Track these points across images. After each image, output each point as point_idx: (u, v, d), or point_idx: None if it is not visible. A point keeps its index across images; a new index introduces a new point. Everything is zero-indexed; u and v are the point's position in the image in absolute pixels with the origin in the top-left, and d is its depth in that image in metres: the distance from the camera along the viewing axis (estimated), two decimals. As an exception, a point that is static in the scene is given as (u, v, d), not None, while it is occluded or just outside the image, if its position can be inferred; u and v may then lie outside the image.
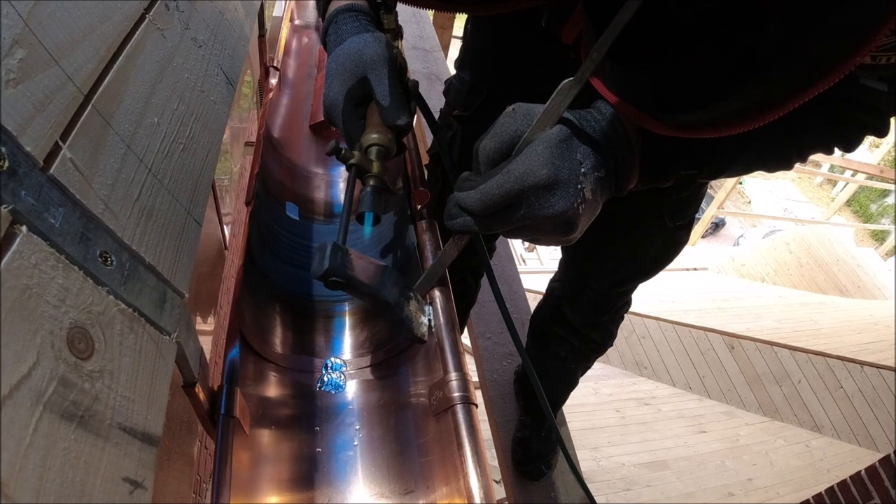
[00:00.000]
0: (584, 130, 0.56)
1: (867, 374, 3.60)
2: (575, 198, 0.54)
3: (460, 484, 0.64)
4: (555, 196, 0.54)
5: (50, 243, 0.35)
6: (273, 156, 1.20)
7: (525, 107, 0.57)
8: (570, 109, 0.56)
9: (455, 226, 0.59)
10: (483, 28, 0.99)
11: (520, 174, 0.53)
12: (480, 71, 1.03)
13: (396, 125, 0.68)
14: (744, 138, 0.59)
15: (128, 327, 0.42)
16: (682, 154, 0.62)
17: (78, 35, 0.42)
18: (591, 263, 1.13)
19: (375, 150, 0.68)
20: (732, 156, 0.63)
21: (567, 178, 0.54)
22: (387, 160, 0.70)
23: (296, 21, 1.88)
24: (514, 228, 0.58)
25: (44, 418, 0.32)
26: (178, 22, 0.63)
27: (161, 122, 0.54)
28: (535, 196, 0.53)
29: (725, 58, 0.54)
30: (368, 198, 0.67)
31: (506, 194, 0.54)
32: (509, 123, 0.56)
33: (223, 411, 0.66)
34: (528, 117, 0.56)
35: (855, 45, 0.41)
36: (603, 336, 1.31)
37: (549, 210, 0.54)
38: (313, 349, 0.93)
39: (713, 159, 0.63)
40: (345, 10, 0.75)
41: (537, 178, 0.52)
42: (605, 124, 0.58)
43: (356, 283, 0.66)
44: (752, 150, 0.63)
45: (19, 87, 0.34)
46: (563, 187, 0.53)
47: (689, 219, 0.98)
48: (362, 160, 0.67)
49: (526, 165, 0.53)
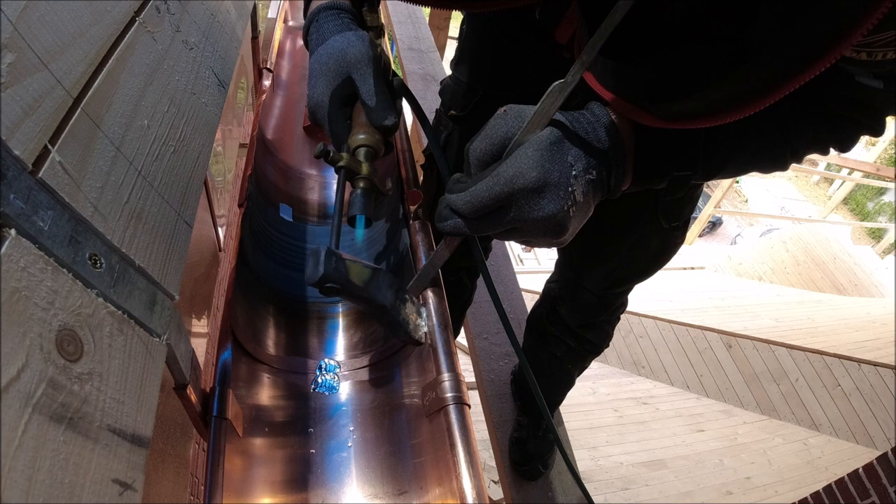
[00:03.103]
0: (576, 132, 0.56)
1: (864, 371, 3.61)
2: (565, 200, 0.54)
3: (453, 485, 0.64)
4: (544, 199, 0.53)
5: (39, 246, 0.35)
6: (266, 157, 1.20)
7: (516, 108, 0.57)
8: (562, 111, 0.56)
9: (446, 228, 0.59)
10: (479, 28, 0.99)
11: (509, 177, 0.52)
12: (476, 71, 1.03)
13: (384, 125, 0.68)
14: (738, 138, 0.59)
15: (117, 329, 0.42)
16: (675, 154, 0.61)
17: (67, 38, 0.43)
18: (586, 264, 1.13)
19: (364, 151, 0.68)
20: (726, 156, 0.62)
21: (557, 180, 0.53)
22: (375, 160, 0.70)
23: (290, 22, 1.88)
24: (505, 230, 0.58)
25: (33, 420, 0.32)
26: (168, 24, 0.63)
27: (151, 125, 0.54)
28: (524, 199, 0.53)
29: (717, 50, 0.54)
30: (359, 200, 0.67)
31: (495, 197, 0.53)
32: (500, 125, 0.56)
33: (215, 413, 0.66)
34: (519, 119, 0.55)
35: (846, 28, 0.41)
36: (599, 337, 1.31)
37: (538, 213, 0.54)
38: (307, 350, 0.93)
39: (707, 160, 0.62)
40: (326, 7, 0.75)
41: (526, 180, 0.52)
42: (598, 126, 0.57)
43: (351, 287, 0.65)
44: (747, 150, 0.62)
45: (8, 91, 0.35)
46: (553, 190, 0.53)
47: (685, 220, 0.98)
48: (351, 162, 0.67)
49: (515, 168, 0.52)
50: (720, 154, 0.62)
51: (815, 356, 3.79)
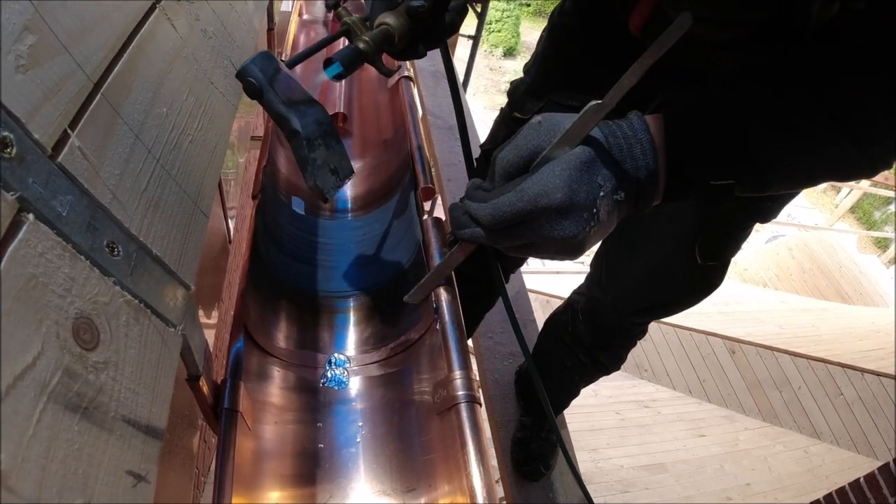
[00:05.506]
0: (610, 152, 0.53)
1: (867, 381, 3.60)
2: (588, 221, 0.52)
3: (463, 483, 0.63)
4: (567, 220, 0.51)
5: (57, 232, 0.35)
6: (279, 150, 1.19)
7: (551, 120, 0.54)
8: (602, 122, 0.53)
9: (463, 235, 0.58)
10: (553, 34, 0.98)
11: (534, 194, 0.51)
12: (542, 77, 1.01)
13: (411, 5, 0.65)
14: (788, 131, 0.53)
15: (133, 318, 0.42)
16: (713, 157, 0.55)
17: (89, 23, 0.42)
18: (614, 287, 1.10)
19: (381, 29, 0.65)
20: (777, 156, 0.54)
21: (583, 202, 0.51)
22: (387, 45, 0.67)
23: (304, 16, 1.88)
24: (522, 245, 0.56)
25: (47, 409, 0.31)
26: (188, 13, 0.63)
27: (170, 113, 0.54)
28: (546, 218, 0.51)
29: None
30: (347, 51, 0.64)
31: (517, 213, 0.52)
32: (532, 136, 0.54)
33: (227, 405, 0.66)
34: (552, 133, 0.53)
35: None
36: (611, 359, 1.30)
37: (559, 233, 0.52)
38: (317, 345, 0.92)
39: (753, 163, 0.54)
40: None
41: (551, 200, 0.50)
42: (634, 143, 0.54)
43: (271, 95, 0.63)
44: (802, 142, 0.53)
45: (29, 73, 0.34)
46: (578, 212, 0.51)
47: (723, 261, 0.92)
48: (358, 26, 0.65)
49: (541, 186, 0.50)
50: (769, 153, 0.54)
51: (818, 364, 3.78)
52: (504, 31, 13.78)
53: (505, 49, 13.75)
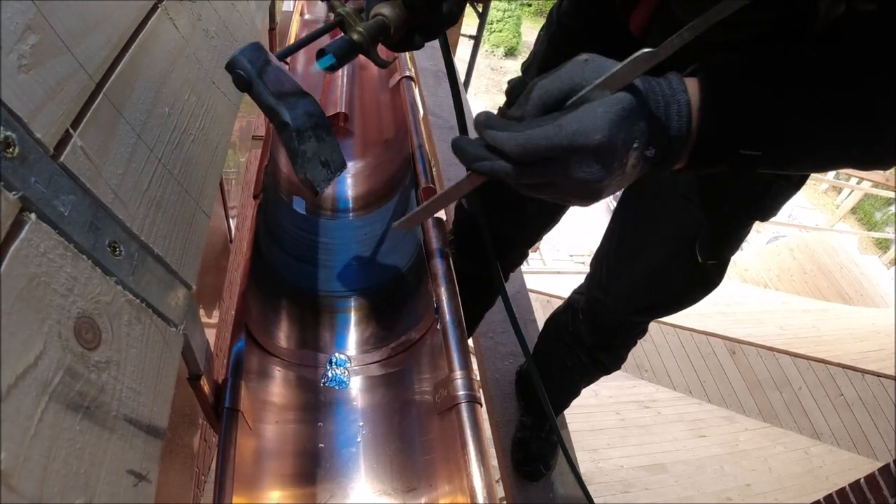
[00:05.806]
0: (648, 105, 0.52)
1: (868, 382, 3.60)
2: (618, 170, 0.51)
3: (463, 483, 0.63)
4: (598, 163, 0.50)
5: (59, 231, 0.35)
6: (281, 149, 1.19)
7: (599, 62, 0.52)
8: (641, 76, 0.52)
9: (482, 167, 0.53)
10: (551, 33, 0.97)
11: (572, 131, 0.49)
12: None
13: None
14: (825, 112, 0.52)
15: (135, 318, 0.42)
16: (746, 129, 0.54)
17: (91, 22, 0.42)
18: (612, 281, 1.10)
19: (376, 20, 0.64)
20: (807, 129, 0.53)
21: (619, 148, 0.50)
22: (382, 36, 0.65)
23: (306, 16, 1.88)
24: (544, 183, 0.54)
25: (49, 408, 0.31)
26: (190, 12, 0.63)
27: (172, 113, 0.54)
28: (578, 157, 0.50)
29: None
30: (340, 42, 0.63)
31: (552, 147, 0.49)
32: (576, 72, 0.52)
33: (228, 404, 0.66)
34: (597, 73, 0.51)
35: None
36: (611, 359, 1.30)
37: (587, 175, 0.50)
38: (318, 344, 0.92)
39: (783, 139, 0.54)
40: None
41: (588, 140, 0.49)
42: (672, 102, 0.53)
43: (261, 87, 0.62)
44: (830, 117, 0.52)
45: (31, 72, 0.34)
46: (610, 157, 0.50)
47: (723, 260, 0.93)
48: (352, 16, 0.64)
49: (581, 124, 0.49)
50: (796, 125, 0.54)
51: (818, 365, 3.78)
52: (505, 31, 13.78)
53: (506, 49, 13.75)
